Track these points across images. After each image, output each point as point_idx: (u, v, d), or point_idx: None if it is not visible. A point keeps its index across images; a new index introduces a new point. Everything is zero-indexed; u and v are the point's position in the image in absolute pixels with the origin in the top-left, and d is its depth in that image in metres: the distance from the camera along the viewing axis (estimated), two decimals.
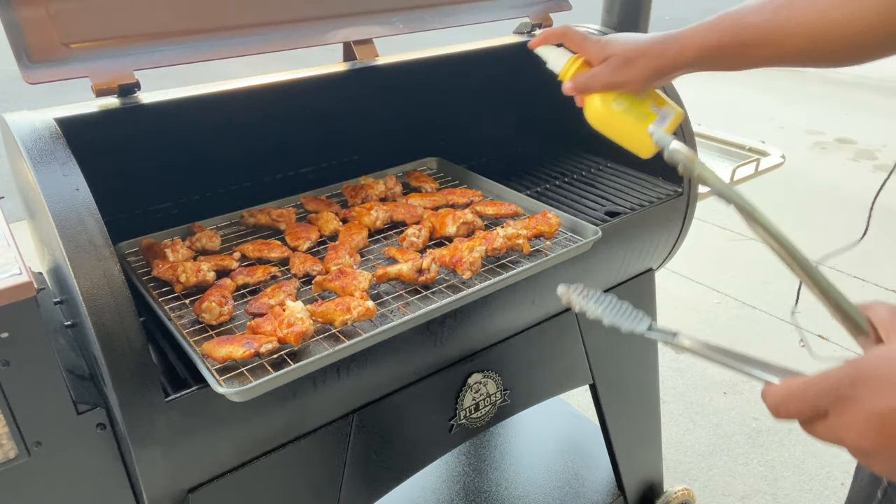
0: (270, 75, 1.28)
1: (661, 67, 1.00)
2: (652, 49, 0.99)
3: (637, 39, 1.01)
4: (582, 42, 1.05)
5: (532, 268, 1.12)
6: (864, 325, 0.63)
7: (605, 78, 1.03)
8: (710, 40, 0.95)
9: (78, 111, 1.06)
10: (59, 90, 1.41)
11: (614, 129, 1.10)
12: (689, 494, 1.92)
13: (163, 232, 1.23)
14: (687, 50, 0.97)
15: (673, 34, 0.99)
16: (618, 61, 1.01)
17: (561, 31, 1.08)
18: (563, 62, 1.08)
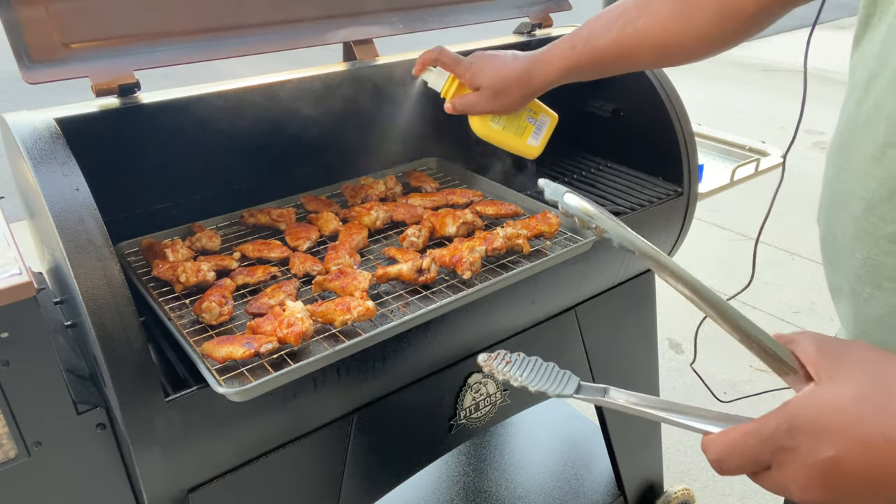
0: (270, 75, 1.28)
1: (529, 93, 1.11)
2: (520, 78, 1.09)
3: (503, 67, 1.09)
4: (454, 66, 1.14)
5: (532, 268, 1.12)
6: (790, 362, 0.59)
7: (482, 107, 1.14)
8: (569, 61, 1.05)
9: (78, 111, 1.06)
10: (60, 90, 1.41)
11: (497, 142, 1.22)
12: (689, 494, 1.92)
13: (163, 232, 1.23)
14: (550, 73, 1.08)
15: (536, 58, 1.08)
16: (489, 93, 1.11)
17: (435, 54, 1.15)
18: (442, 81, 1.16)
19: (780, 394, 2.40)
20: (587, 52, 1.03)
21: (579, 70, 1.06)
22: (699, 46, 0.98)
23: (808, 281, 3.29)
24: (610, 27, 1.01)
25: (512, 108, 1.15)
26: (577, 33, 1.04)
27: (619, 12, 1.01)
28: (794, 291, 3.21)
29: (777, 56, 7.27)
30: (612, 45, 1.01)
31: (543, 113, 1.23)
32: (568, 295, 1.36)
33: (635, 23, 0.98)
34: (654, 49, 0.99)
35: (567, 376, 0.71)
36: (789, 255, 3.50)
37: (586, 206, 0.68)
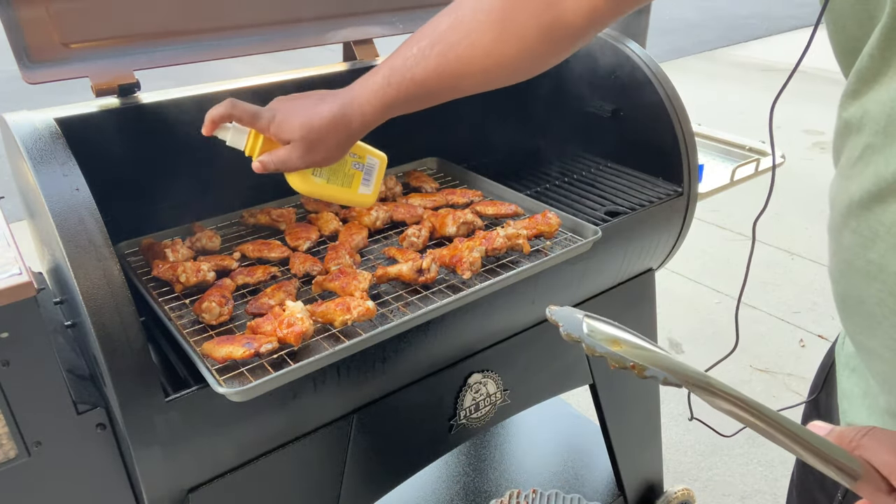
0: (270, 75, 1.28)
1: (347, 139, 0.97)
2: (334, 126, 0.94)
3: (312, 117, 0.94)
4: (253, 121, 0.96)
5: (532, 268, 1.12)
6: (859, 469, 0.53)
7: (298, 163, 0.97)
8: (387, 97, 0.93)
9: (78, 111, 1.06)
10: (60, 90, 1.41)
11: (324, 197, 1.06)
12: (689, 494, 1.92)
13: (163, 232, 1.23)
14: (368, 114, 0.94)
15: (347, 101, 0.94)
16: (302, 147, 0.95)
17: (226, 110, 0.96)
18: (243, 139, 0.99)
19: (780, 393, 2.38)
20: (406, 85, 0.91)
21: (399, 105, 0.94)
22: (527, 65, 0.91)
23: (809, 281, 3.29)
24: (426, 55, 0.90)
25: (332, 159, 0.99)
26: (390, 66, 0.93)
27: (432, 39, 0.90)
28: (794, 291, 3.21)
29: (777, 56, 7.27)
30: (434, 75, 0.90)
31: (369, 155, 1.08)
32: (568, 295, 1.36)
33: (456, 48, 0.89)
34: (480, 73, 0.91)
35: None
36: (789, 255, 3.50)
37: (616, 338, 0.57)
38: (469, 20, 0.88)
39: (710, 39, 7.91)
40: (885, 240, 0.59)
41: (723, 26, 8.71)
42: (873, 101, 0.59)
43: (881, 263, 0.60)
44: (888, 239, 0.59)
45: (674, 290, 3.17)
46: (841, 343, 0.85)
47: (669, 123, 1.43)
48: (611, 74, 1.53)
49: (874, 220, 0.60)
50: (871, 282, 0.62)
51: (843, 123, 0.65)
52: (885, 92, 0.57)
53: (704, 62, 7.07)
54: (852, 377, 0.78)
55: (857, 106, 0.62)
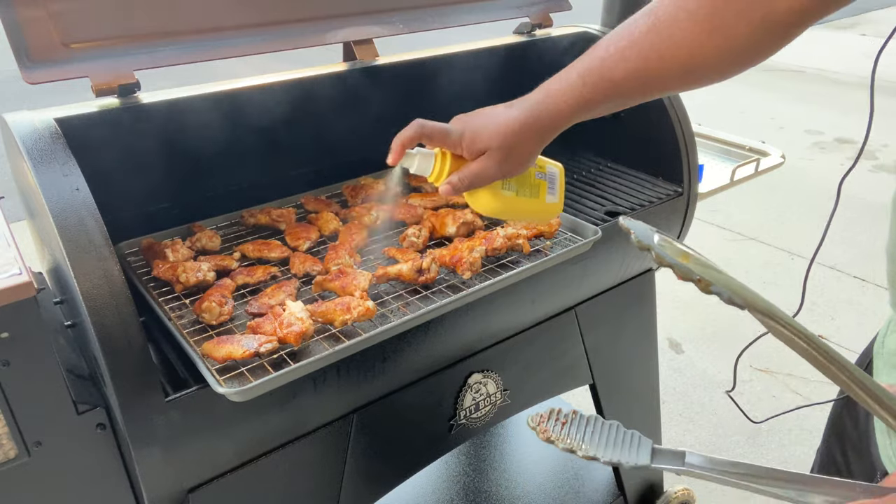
0: (270, 75, 1.28)
1: (541, 142, 0.95)
2: (528, 129, 0.92)
3: (506, 123, 0.92)
4: (444, 139, 0.94)
5: (532, 268, 1.12)
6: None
7: (493, 174, 0.94)
8: (582, 99, 0.91)
9: (78, 111, 1.06)
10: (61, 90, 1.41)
11: (512, 213, 1.03)
12: (689, 494, 1.92)
13: (163, 232, 1.23)
14: (561, 116, 0.92)
15: (540, 101, 0.93)
16: (499, 155, 0.93)
17: (416, 131, 0.93)
18: (430, 163, 0.95)
19: (779, 393, 2.38)
20: (604, 85, 0.90)
21: (593, 105, 0.92)
22: (731, 65, 0.87)
23: (808, 281, 3.29)
24: (625, 56, 0.88)
25: (525, 164, 0.97)
26: (586, 66, 0.91)
27: (632, 40, 0.89)
28: (794, 291, 3.20)
29: (777, 56, 7.26)
30: (633, 76, 0.89)
31: (549, 165, 1.06)
32: (568, 295, 1.36)
33: (658, 48, 0.87)
34: (682, 74, 0.88)
35: (637, 440, 0.60)
36: (789, 255, 3.50)
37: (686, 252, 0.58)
38: (672, 20, 0.86)
39: None
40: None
41: None
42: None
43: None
44: None
45: (674, 290, 3.17)
46: (880, 342, 0.84)
47: (669, 123, 1.43)
48: None
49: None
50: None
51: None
52: None
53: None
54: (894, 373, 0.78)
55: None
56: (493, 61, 1.58)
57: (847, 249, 3.53)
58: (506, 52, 1.55)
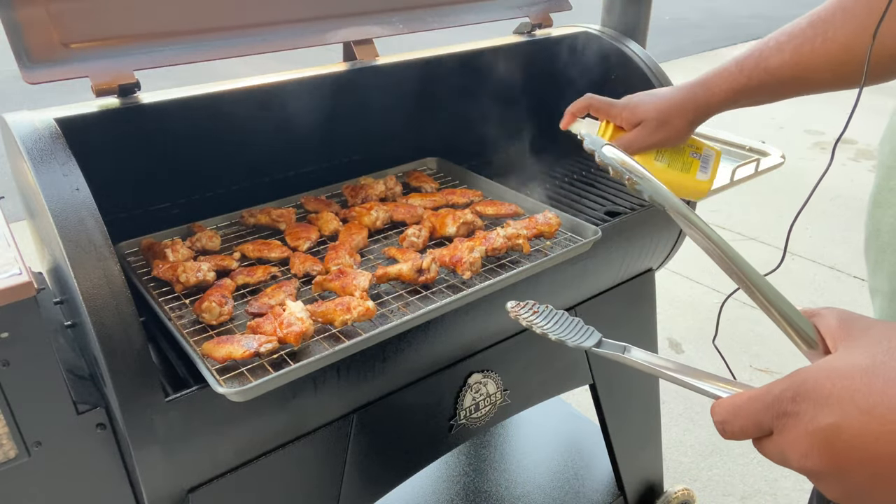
0: (270, 75, 1.28)
1: (695, 119, 1.05)
2: (683, 104, 1.03)
3: (664, 98, 1.04)
4: (609, 109, 1.09)
5: (532, 268, 1.12)
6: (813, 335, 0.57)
7: (645, 141, 1.06)
8: (737, 84, 0.99)
9: (78, 111, 1.06)
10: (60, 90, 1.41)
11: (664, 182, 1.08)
12: (689, 494, 1.92)
13: (163, 232, 1.23)
14: (715, 97, 1.01)
15: (698, 82, 1.02)
16: (653, 125, 1.05)
17: (585, 102, 1.10)
18: (595, 132, 1.09)
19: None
20: (758, 73, 0.97)
21: (748, 92, 1.00)
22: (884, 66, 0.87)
23: (809, 281, 3.29)
24: (782, 48, 0.95)
25: (677, 138, 1.07)
26: (745, 55, 0.99)
27: (791, 33, 0.94)
28: (794, 291, 3.21)
29: None
30: (786, 66, 0.94)
31: (706, 147, 1.15)
32: (568, 295, 1.36)
33: (812, 42, 0.91)
34: (835, 68, 0.91)
35: (590, 331, 0.69)
36: (789, 255, 3.50)
37: (623, 159, 0.68)
38: (829, 16, 0.91)
39: (710, 39, 7.91)
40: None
41: (723, 26, 8.70)
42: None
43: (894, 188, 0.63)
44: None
45: (674, 290, 3.17)
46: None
47: None
48: (610, 74, 1.53)
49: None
50: (887, 209, 0.64)
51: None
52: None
53: (704, 62, 7.07)
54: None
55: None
56: (493, 61, 1.58)
57: (847, 249, 3.53)
58: (506, 52, 1.55)
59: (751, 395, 0.53)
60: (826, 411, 0.47)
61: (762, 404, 0.52)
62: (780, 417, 0.50)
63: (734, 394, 0.56)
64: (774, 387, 0.51)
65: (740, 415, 0.54)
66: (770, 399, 0.51)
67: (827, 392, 0.48)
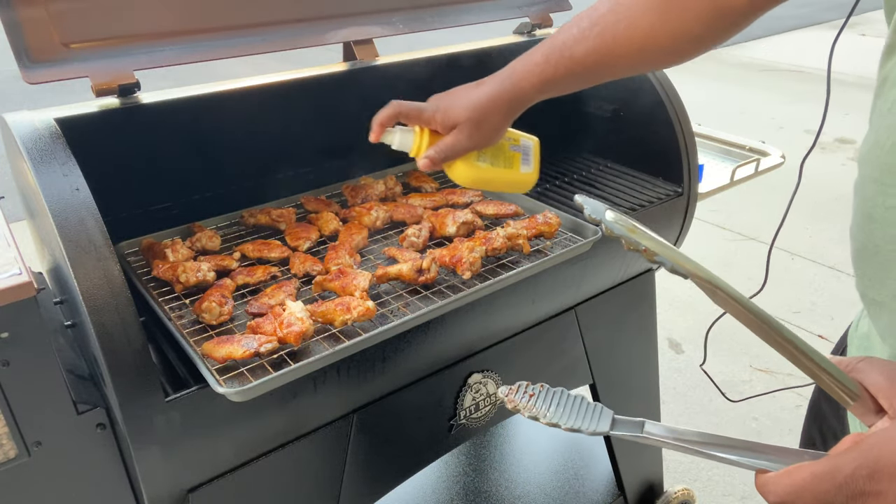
0: (270, 75, 1.28)
1: (508, 115, 1.02)
2: (495, 102, 0.99)
3: (475, 98, 0.99)
4: (419, 115, 1.02)
5: (532, 268, 1.12)
6: (855, 389, 0.55)
7: (464, 145, 1.01)
8: (545, 75, 0.96)
9: (78, 111, 1.06)
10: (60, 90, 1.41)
11: (488, 183, 1.10)
12: (689, 494, 1.92)
13: (163, 232, 1.23)
14: (525, 92, 0.98)
15: (507, 77, 0.99)
16: (469, 127, 1.00)
17: (393, 110, 1.03)
18: (410, 139, 1.03)
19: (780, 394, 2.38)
20: (564, 62, 0.95)
21: (556, 82, 0.98)
22: (685, 47, 0.92)
23: (809, 281, 3.29)
24: (585, 35, 0.94)
25: (495, 136, 1.04)
26: (550, 44, 0.97)
27: (592, 20, 0.94)
28: (794, 291, 3.21)
29: (777, 56, 7.27)
30: (592, 53, 0.94)
31: (523, 138, 1.13)
32: (568, 295, 1.36)
33: (615, 28, 0.92)
34: (638, 53, 0.93)
35: (599, 410, 0.64)
36: (789, 255, 3.50)
37: (633, 226, 0.61)
38: (630, 2, 0.91)
39: None
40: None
41: None
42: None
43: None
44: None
45: (674, 290, 3.17)
46: (854, 326, 0.85)
47: (669, 123, 1.43)
48: None
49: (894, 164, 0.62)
50: (888, 228, 0.63)
51: (879, 81, 0.67)
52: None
53: (704, 62, 7.07)
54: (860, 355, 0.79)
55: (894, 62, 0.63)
56: (493, 61, 1.58)
57: (847, 249, 3.52)
58: (506, 53, 1.55)
59: (814, 472, 0.49)
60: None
61: (832, 485, 0.48)
62: (856, 498, 0.47)
63: (787, 469, 0.51)
64: (843, 463, 0.48)
65: (805, 496, 0.49)
66: (842, 478, 0.48)
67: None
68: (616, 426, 0.62)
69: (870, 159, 0.66)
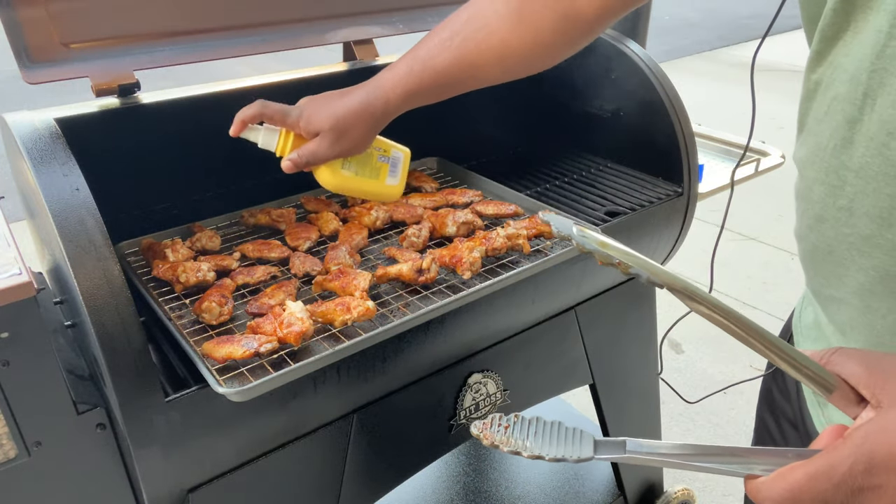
0: (270, 75, 1.28)
1: (373, 126, 1.01)
2: (359, 114, 0.98)
3: (338, 108, 0.98)
4: (283, 119, 1.01)
5: (532, 268, 1.12)
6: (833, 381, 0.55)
7: (326, 153, 1.01)
8: (410, 87, 0.97)
9: (78, 111, 1.06)
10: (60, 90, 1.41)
11: (353, 191, 1.11)
12: (689, 494, 1.92)
13: (163, 232, 1.23)
14: (391, 102, 0.98)
15: (371, 90, 0.99)
16: (331, 136, 0.99)
17: (257, 110, 1.01)
18: (275, 139, 1.03)
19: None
20: (428, 73, 0.96)
21: (422, 93, 0.99)
22: (542, 55, 0.95)
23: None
24: (447, 45, 0.95)
25: (359, 146, 1.03)
26: (412, 56, 0.98)
27: (453, 30, 0.95)
28: (794, 291, 3.21)
29: (777, 56, 7.27)
30: (454, 64, 0.95)
31: (394, 149, 1.14)
32: (568, 295, 1.36)
33: (475, 37, 0.93)
34: (497, 62, 0.95)
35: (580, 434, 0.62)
36: (789, 255, 3.50)
37: (604, 241, 0.60)
38: (487, 11, 0.93)
39: (709, 39, 7.91)
40: (853, 184, 0.61)
41: (723, 26, 8.70)
42: (842, 54, 0.61)
43: (850, 208, 0.62)
44: (856, 182, 0.61)
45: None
46: (798, 316, 0.86)
47: (669, 123, 1.43)
48: (610, 74, 1.52)
49: (840, 166, 0.62)
50: (841, 228, 0.64)
51: (811, 86, 0.67)
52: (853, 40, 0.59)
53: (704, 62, 7.08)
54: (815, 346, 0.80)
55: (826, 65, 0.63)
56: None
57: None
58: None
59: (809, 472, 0.49)
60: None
61: (829, 484, 0.47)
62: (855, 494, 0.47)
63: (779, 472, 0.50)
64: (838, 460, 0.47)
65: (803, 498, 0.49)
66: (839, 477, 0.47)
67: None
68: (599, 450, 0.61)
69: (813, 162, 0.67)
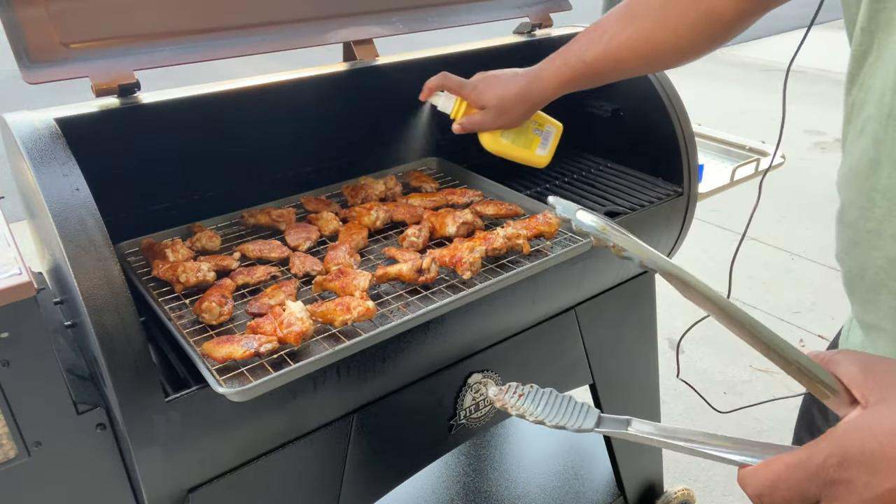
0: (270, 75, 1.28)
1: (530, 108, 1.21)
2: (520, 97, 1.18)
3: (505, 87, 1.19)
4: (459, 89, 1.23)
5: (532, 268, 1.12)
6: (831, 383, 0.55)
7: (489, 125, 1.23)
8: (563, 76, 1.15)
9: (78, 111, 1.06)
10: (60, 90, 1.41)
11: (508, 156, 1.31)
12: (689, 494, 1.92)
13: (163, 232, 1.23)
14: (547, 89, 1.17)
15: (533, 76, 1.18)
16: (495, 112, 1.20)
17: (440, 80, 1.24)
18: (451, 104, 1.25)
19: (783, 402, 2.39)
20: (579, 66, 1.12)
21: (574, 82, 1.15)
22: (682, 53, 1.05)
23: (809, 281, 3.29)
24: (597, 42, 1.10)
25: (516, 122, 1.23)
26: (568, 49, 1.14)
27: (604, 28, 1.09)
28: (794, 291, 3.21)
29: (777, 56, 7.27)
30: (602, 58, 1.09)
31: (549, 124, 1.32)
32: (568, 295, 1.36)
33: (620, 36, 1.07)
34: (640, 58, 1.08)
35: (586, 409, 0.65)
36: (789, 255, 3.50)
37: (603, 224, 0.63)
38: (634, 12, 1.06)
39: None
40: (881, 206, 0.62)
41: None
42: (870, 75, 0.62)
43: (878, 230, 0.62)
44: (884, 204, 0.61)
45: (674, 290, 3.17)
46: (845, 336, 0.85)
47: (669, 123, 1.43)
48: None
49: (870, 188, 0.63)
50: (871, 251, 0.64)
51: (848, 109, 0.68)
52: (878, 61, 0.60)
53: (704, 62, 7.05)
54: None
55: (858, 86, 0.65)
56: (493, 61, 1.58)
57: None
58: (506, 53, 1.55)
59: (788, 462, 0.50)
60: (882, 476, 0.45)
61: (804, 473, 0.49)
62: (828, 486, 0.48)
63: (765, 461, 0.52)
64: (815, 453, 0.49)
65: (780, 486, 0.50)
66: (813, 467, 0.49)
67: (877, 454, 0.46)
68: (601, 424, 0.63)
69: (847, 184, 0.68)
